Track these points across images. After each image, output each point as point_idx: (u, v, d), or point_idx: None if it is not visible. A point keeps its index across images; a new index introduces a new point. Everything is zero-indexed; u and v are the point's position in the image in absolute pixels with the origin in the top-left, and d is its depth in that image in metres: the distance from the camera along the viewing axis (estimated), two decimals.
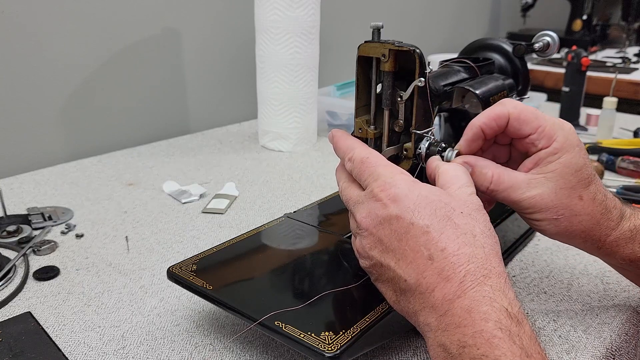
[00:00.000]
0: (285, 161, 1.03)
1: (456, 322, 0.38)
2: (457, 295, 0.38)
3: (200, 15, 1.21)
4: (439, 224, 0.41)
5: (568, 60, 1.21)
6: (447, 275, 0.39)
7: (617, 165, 0.96)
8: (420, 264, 0.40)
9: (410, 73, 0.49)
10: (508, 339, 0.36)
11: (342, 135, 0.51)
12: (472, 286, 0.38)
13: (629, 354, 0.55)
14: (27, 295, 0.60)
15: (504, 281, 0.39)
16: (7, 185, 0.89)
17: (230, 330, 0.54)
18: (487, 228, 0.42)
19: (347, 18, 1.57)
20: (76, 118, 1.06)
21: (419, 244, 0.41)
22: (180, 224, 0.77)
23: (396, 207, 0.42)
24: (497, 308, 0.37)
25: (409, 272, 0.41)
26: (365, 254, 0.45)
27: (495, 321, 0.36)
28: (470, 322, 0.37)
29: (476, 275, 0.39)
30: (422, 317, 0.40)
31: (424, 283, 0.40)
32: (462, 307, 0.38)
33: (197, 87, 1.25)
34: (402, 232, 0.41)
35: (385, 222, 0.42)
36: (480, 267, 0.39)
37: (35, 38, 0.97)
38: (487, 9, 2.28)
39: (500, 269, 0.40)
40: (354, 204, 0.46)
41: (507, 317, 0.37)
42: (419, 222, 0.41)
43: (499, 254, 0.42)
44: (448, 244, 0.40)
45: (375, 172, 0.45)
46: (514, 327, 0.37)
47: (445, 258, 0.39)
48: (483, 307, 0.37)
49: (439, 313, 0.39)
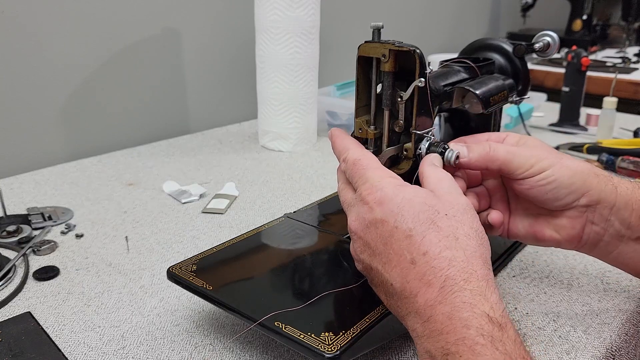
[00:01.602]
0: (285, 161, 1.03)
1: (439, 329, 0.37)
2: (438, 301, 0.38)
3: (200, 15, 1.21)
4: (422, 227, 0.41)
5: (568, 60, 1.21)
6: (429, 280, 0.39)
7: (617, 165, 0.96)
8: (403, 268, 0.40)
9: (410, 73, 0.49)
10: (490, 345, 0.35)
11: (339, 135, 0.51)
12: (452, 291, 0.38)
13: (629, 354, 0.55)
14: (27, 295, 0.60)
15: (485, 284, 0.39)
16: (7, 185, 0.89)
17: (230, 330, 0.54)
18: (473, 230, 0.42)
19: (347, 18, 1.57)
20: (76, 118, 1.06)
21: (402, 248, 0.40)
22: (180, 224, 0.77)
23: (381, 210, 0.42)
24: (478, 314, 0.37)
25: (394, 277, 0.41)
26: (357, 257, 0.45)
27: (476, 327, 0.36)
28: (451, 329, 0.37)
29: (456, 279, 0.38)
30: (409, 321, 0.40)
31: (408, 288, 0.40)
32: (443, 314, 0.37)
33: (197, 87, 1.25)
34: (386, 236, 0.41)
35: (371, 226, 0.43)
36: (460, 270, 0.39)
37: (35, 38, 0.97)
38: (487, 9, 2.28)
39: (482, 271, 0.39)
40: (347, 206, 0.47)
41: (488, 322, 0.36)
42: (402, 225, 0.41)
43: (482, 255, 0.41)
44: (430, 248, 0.40)
45: (365, 175, 0.45)
46: (497, 333, 0.36)
47: (426, 262, 0.39)
48: (464, 314, 0.37)
49: (423, 319, 0.39)
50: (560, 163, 0.49)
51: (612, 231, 0.50)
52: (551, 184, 0.48)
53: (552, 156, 0.49)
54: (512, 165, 0.49)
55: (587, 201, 0.49)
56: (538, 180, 0.49)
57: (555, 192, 0.49)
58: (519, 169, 0.49)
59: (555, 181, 0.48)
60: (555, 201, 0.50)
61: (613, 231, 0.50)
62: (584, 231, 0.51)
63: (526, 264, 0.67)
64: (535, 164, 0.48)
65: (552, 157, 0.49)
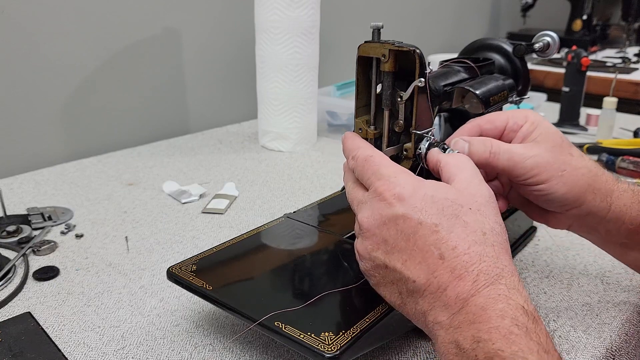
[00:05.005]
0: (285, 161, 1.03)
1: (470, 319, 0.37)
2: (471, 294, 0.38)
3: (200, 15, 1.21)
4: (448, 223, 0.40)
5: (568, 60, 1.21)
6: (460, 274, 0.39)
7: (617, 165, 0.96)
8: (430, 264, 0.40)
9: (410, 73, 0.49)
10: (525, 335, 0.35)
11: (351, 136, 0.51)
12: (485, 285, 0.38)
13: (629, 354, 0.55)
14: (26, 295, 0.60)
15: (517, 280, 0.39)
16: (7, 185, 0.89)
17: (230, 330, 0.54)
18: (497, 224, 0.42)
19: (347, 18, 1.57)
20: (76, 118, 1.06)
21: (428, 244, 0.40)
22: (180, 224, 0.77)
23: (402, 206, 0.41)
24: (514, 305, 0.37)
25: (417, 273, 0.40)
26: (367, 255, 0.44)
27: (512, 318, 0.36)
28: (485, 318, 0.37)
29: (489, 274, 0.39)
30: (432, 316, 0.40)
31: (435, 282, 0.39)
32: (477, 305, 0.37)
33: (197, 87, 1.25)
34: (409, 232, 0.41)
35: (390, 222, 0.42)
36: (492, 266, 0.39)
37: (35, 38, 0.97)
38: (487, 9, 2.28)
39: (512, 267, 0.40)
40: (357, 204, 0.46)
41: (523, 314, 0.37)
42: (427, 220, 0.40)
43: (508, 251, 0.42)
44: (458, 243, 0.40)
45: (379, 172, 0.44)
46: (531, 324, 0.36)
47: (456, 257, 0.39)
48: (499, 305, 0.37)
49: (452, 311, 0.38)
50: (559, 177, 0.49)
51: (597, 235, 0.54)
52: (545, 196, 0.50)
53: (555, 167, 0.49)
54: (512, 173, 0.49)
55: (577, 212, 0.51)
56: (533, 189, 0.50)
57: (546, 202, 0.51)
58: (518, 177, 0.49)
59: (549, 195, 0.50)
60: (546, 206, 0.52)
61: (598, 235, 0.54)
62: (570, 227, 0.54)
63: (526, 264, 0.67)
64: (534, 176, 0.49)
65: (553, 169, 0.49)
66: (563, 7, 2.37)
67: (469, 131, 0.52)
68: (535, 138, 0.50)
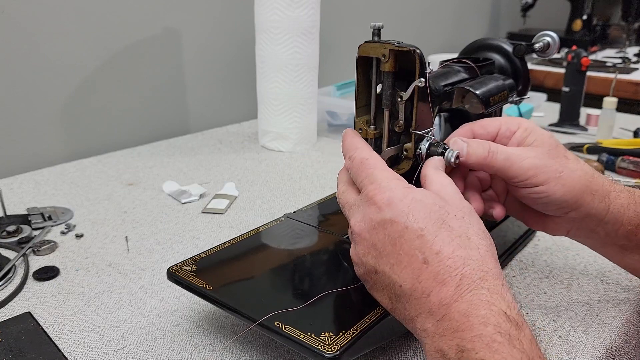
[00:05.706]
0: (285, 161, 1.03)
1: (454, 327, 0.37)
2: (453, 300, 0.38)
3: (200, 15, 1.21)
4: (433, 227, 0.40)
5: (568, 60, 1.21)
6: (443, 279, 0.39)
7: (617, 165, 0.96)
8: (415, 268, 0.40)
9: (410, 73, 0.49)
10: (508, 343, 0.35)
11: (351, 134, 0.51)
12: (468, 289, 0.38)
13: (629, 354, 0.55)
14: (26, 295, 0.60)
15: (501, 283, 0.39)
16: (7, 185, 0.89)
17: (230, 330, 0.54)
18: (482, 230, 0.42)
19: (347, 18, 1.57)
20: (76, 118, 1.06)
21: (413, 248, 0.40)
22: (180, 224, 0.77)
23: (390, 210, 0.42)
24: (496, 312, 0.37)
25: (403, 277, 0.40)
26: (359, 260, 0.44)
27: (494, 325, 0.36)
28: (468, 326, 0.36)
29: (472, 278, 0.38)
30: (419, 322, 0.40)
31: (420, 288, 0.39)
32: (459, 311, 0.37)
33: (197, 87, 1.25)
34: (396, 236, 0.41)
35: (379, 227, 0.42)
36: (476, 269, 0.39)
37: (35, 38, 0.97)
38: (487, 9, 2.28)
39: (497, 270, 0.40)
40: (349, 208, 0.46)
41: (506, 320, 0.36)
42: (413, 225, 0.41)
43: (494, 255, 0.41)
44: (443, 247, 0.40)
45: (372, 175, 0.45)
46: (514, 331, 0.36)
47: (440, 261, 0.39)
48: (481, 311, 0.37)
49: (436, 318, 0.38)
50: (557, 179, 0.49)
51: (596, 237, 0.53)
52: (542, 199, 0.50)
53: (552, 169, 0.49)
54: (508, 173, 0.49)
55: (575, 215, 0.51)
56: (529, 192, 0.50)
57: (545, 206, 0.51)
58: (514, 178, 0.49)
59: (547, 197, 0.49)
60: (545, 210, 0.52)
61: (597, 237, 0.53)
62: (569, 233, 0.54)
63: (526, 264, 0.67)
64: (531, 177, 0.48)
65: (550, 171, 0.48)
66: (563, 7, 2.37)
67: (461, 136, 0.52)
68: (531, 143, 0.50)
